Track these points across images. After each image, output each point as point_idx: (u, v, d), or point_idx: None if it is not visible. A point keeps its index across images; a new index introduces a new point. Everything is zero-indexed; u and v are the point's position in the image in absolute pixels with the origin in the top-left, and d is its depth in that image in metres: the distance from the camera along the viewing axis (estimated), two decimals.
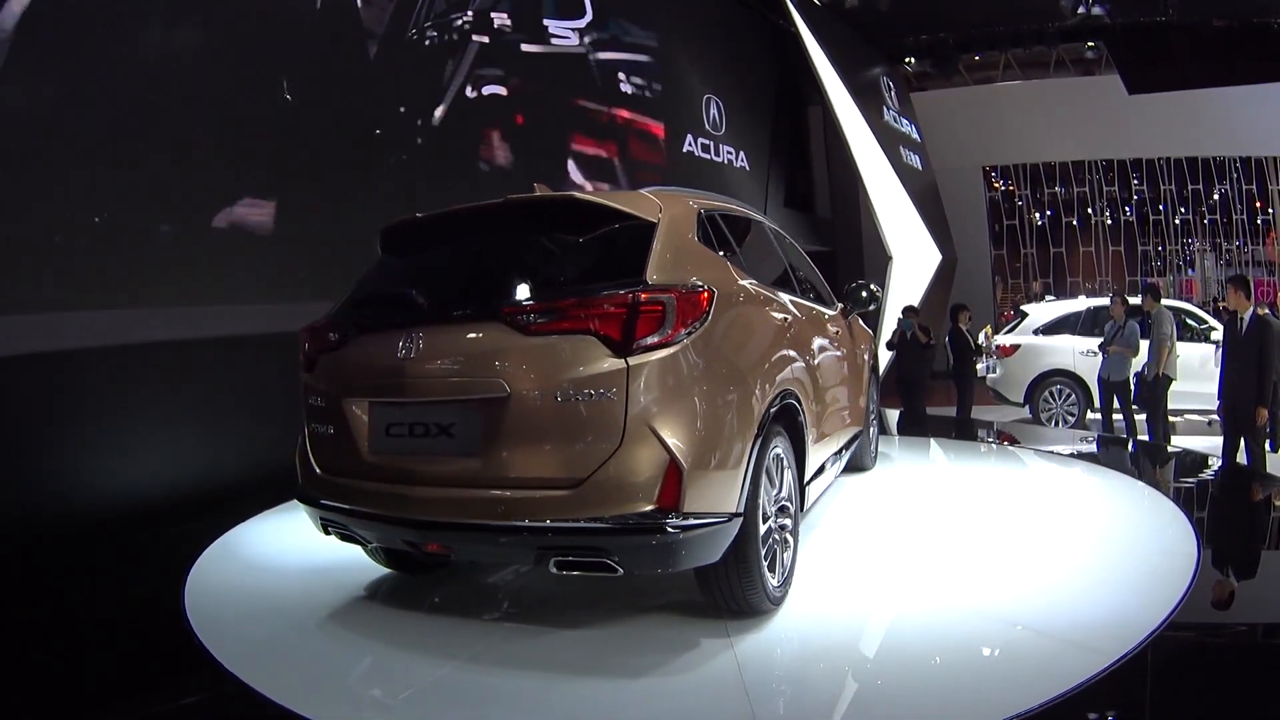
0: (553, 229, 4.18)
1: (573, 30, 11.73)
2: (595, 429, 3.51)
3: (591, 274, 3.88)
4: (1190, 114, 22.15)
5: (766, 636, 3.95)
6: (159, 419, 7.02)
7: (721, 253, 4.42)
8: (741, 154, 16.28)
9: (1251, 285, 10.63)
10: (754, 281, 4.56)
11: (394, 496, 3.87)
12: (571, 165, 11.65)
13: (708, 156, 15.12)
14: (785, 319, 4.73)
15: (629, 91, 12.93)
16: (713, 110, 15.49)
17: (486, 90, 10.20)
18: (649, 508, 3.47)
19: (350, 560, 5.13)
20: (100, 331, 6.59)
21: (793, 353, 4.64)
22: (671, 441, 3.51)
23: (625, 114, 12.78)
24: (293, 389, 4.65)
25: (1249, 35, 19.29)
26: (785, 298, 5.02)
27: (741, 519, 3.78)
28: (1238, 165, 24.40)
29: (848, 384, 6.12)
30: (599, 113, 12.33)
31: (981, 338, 14.54)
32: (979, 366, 14.19)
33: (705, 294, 3.78)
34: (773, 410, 4.13)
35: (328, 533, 4.30)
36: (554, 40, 11.46)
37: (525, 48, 10.95)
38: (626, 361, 3.52)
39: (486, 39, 10.27)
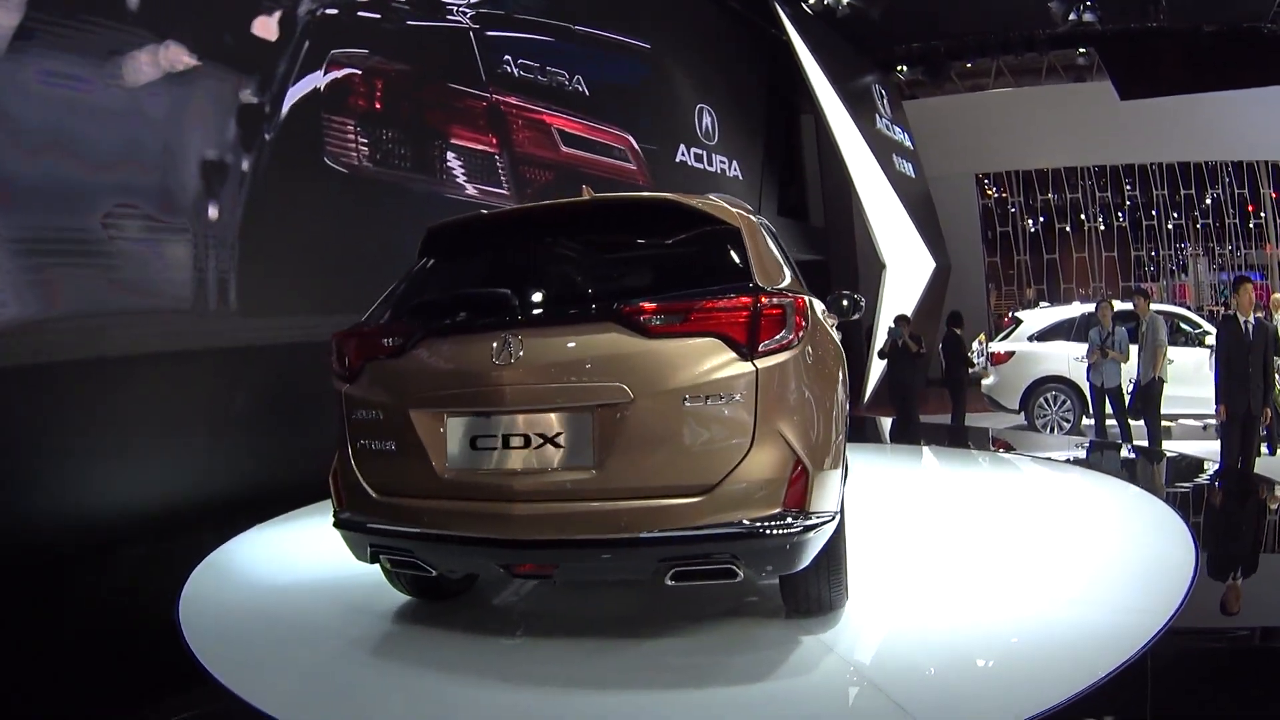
0: (642, 230, 4.14)
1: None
2: (725, 432, 3.47)
3: (695, 276, 3.84)
4: (1182, 119, 22.19)
5: (851, 632, 3.99)
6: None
7: (781, 258, 4.43)
8: (734, 163, 16.27)
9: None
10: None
11: (482, 516, 3.59)
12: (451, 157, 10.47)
13: (700, 166, 15.10)
14: (831, 323, 4.77)
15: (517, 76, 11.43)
16: (705, 120, 15.49)
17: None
18: (778, 510, 3.45)
19: (346, 574, 5.09)
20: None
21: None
22: (796, 443, 3.52)
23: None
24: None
25: (1240, 40, 19.34)
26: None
27: (839, 516, 3.82)
28: (1229, 170, 24.45)
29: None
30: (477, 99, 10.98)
31: (976, 344, 14.55)
32: (978, 367, 14.20)
33: (804, 299, 3.81)
34: None
35: (374, 561, 4.01)
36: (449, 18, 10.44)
37: (412, 23, 9.82)
38: (755, 365, 3.49)
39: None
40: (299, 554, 5.98)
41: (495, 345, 3.58)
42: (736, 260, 3.87)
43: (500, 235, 4.34)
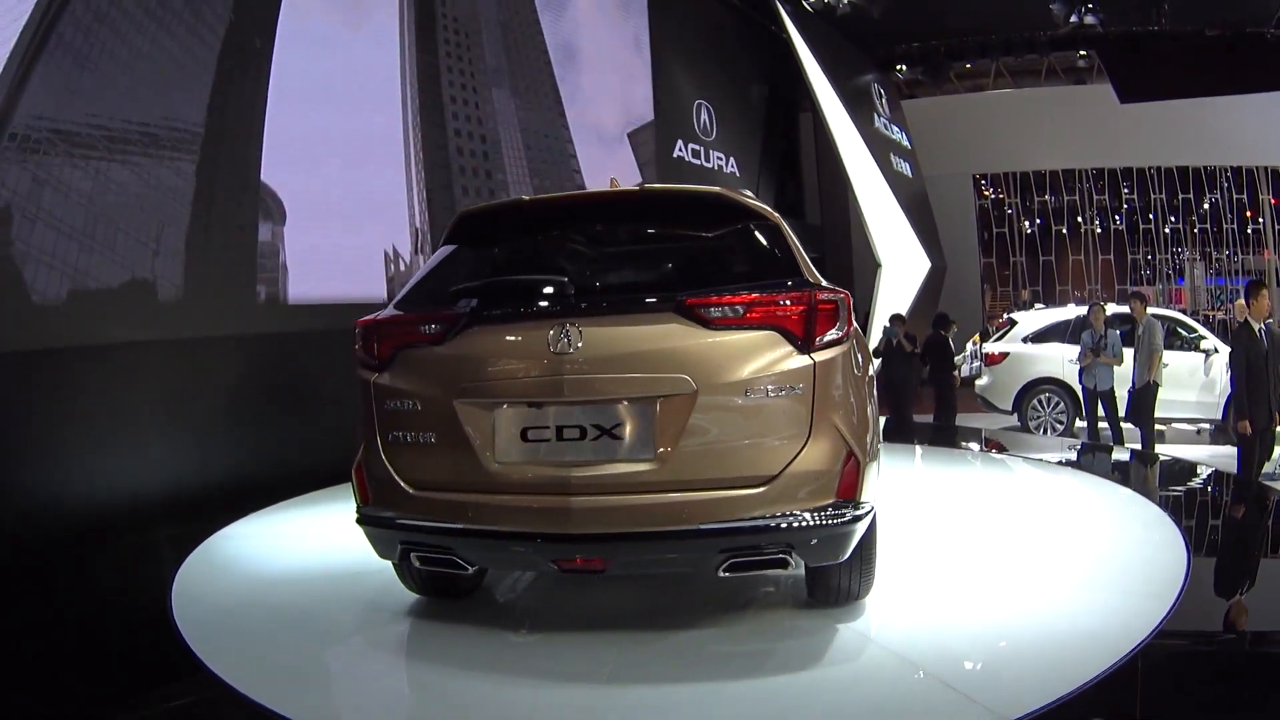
0: (689, 222, 4.11)
1: None
2: (785, 424, 3.52)
3: (746, 270, 3.91)
4: (1182, 123, 22.16)
5: (883, 621, 4.04)
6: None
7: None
8: (731, 160, 16.24)
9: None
10: None
11: (535, 510, 3.53)
12: None
13: (698, 162, 15.08)
14: None
15: None
16: (703, 115, 15.46)
17: None
18: (833, 500, 3.53)
19: (340, 562, 5.08)
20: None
21: None
22: (848, 434, 3.60)
23: None
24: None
25: (1242, 44, 19.31)
26: None
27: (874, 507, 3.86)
28: (1228, 175, 24.43)
29: None
30: None
31: (971, 345, 14.54)
32: (964, 369, 14.20)
33: (849, 295, 3.86)
34: None
35: (405, 559, 3.88)
36: None
37: None
38: (812, 358, 3.56)
39: None
40: (289, 544, 5.96)
41: (552, 334, 3.53)
42: (784, 255, 3.94)
43: (542, 223, 4.25)
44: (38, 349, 6.12)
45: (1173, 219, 25.36)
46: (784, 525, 3.45)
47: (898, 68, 22.36)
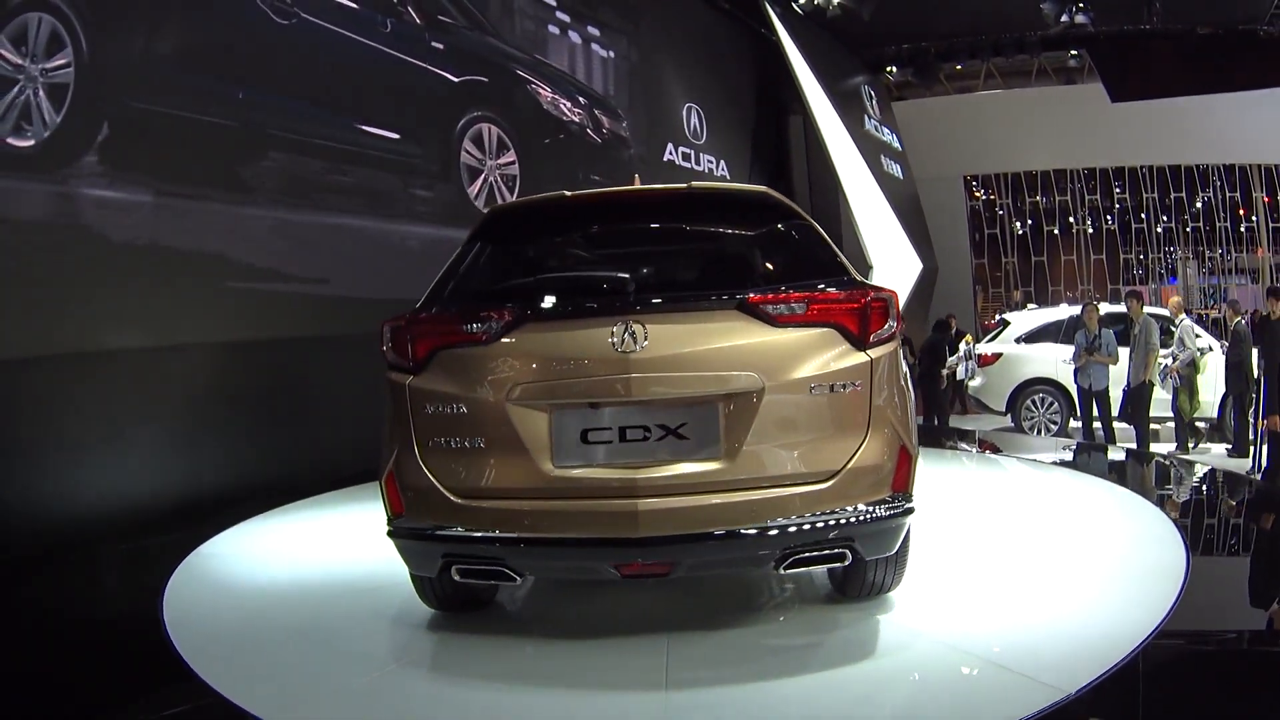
0: (734, 221, 4.13)
1: None
2: (846, 420, 3.57)
3: (796, 268, 3.92)
4: (1174, 122, 22.13)
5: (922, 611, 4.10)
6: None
7: None
8: (722, 162, 16.18)
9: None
10: None
11: (598, 515, 3.44)
12: None
13: (688, 165, 15.02)
14: None
15: None
16: (693, 119, 15.40)
17: None
18: (889, 494, 3.61)
19: (331, 571, 5.01)
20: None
21: None
22: (900, 429, 3.69)
23: None
24: None
25: (1234, 42, 19.28)
26: None
27: None
28: (1221, 173, 24.39)
29: None
30: None
31: (964, 346, 14.50)
32: (959, 370, 14.18)
33: (896, 294, 3.90)
34: None
35: (443, 572, 3.69)
36: None
37: None
38: (868, 354, 3.61)
39: None
40: (284, 551, 5.88)
41: (616, 332, 3.45)
42: (826, 255, 3.96)
43: (585, 220, 4.18)
44: None
45: (1165, 218, 25.31)
46: (848, 520, 3.50)
47: (888, 69, 22.30)
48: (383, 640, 4.17)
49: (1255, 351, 10.56)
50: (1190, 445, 11.84)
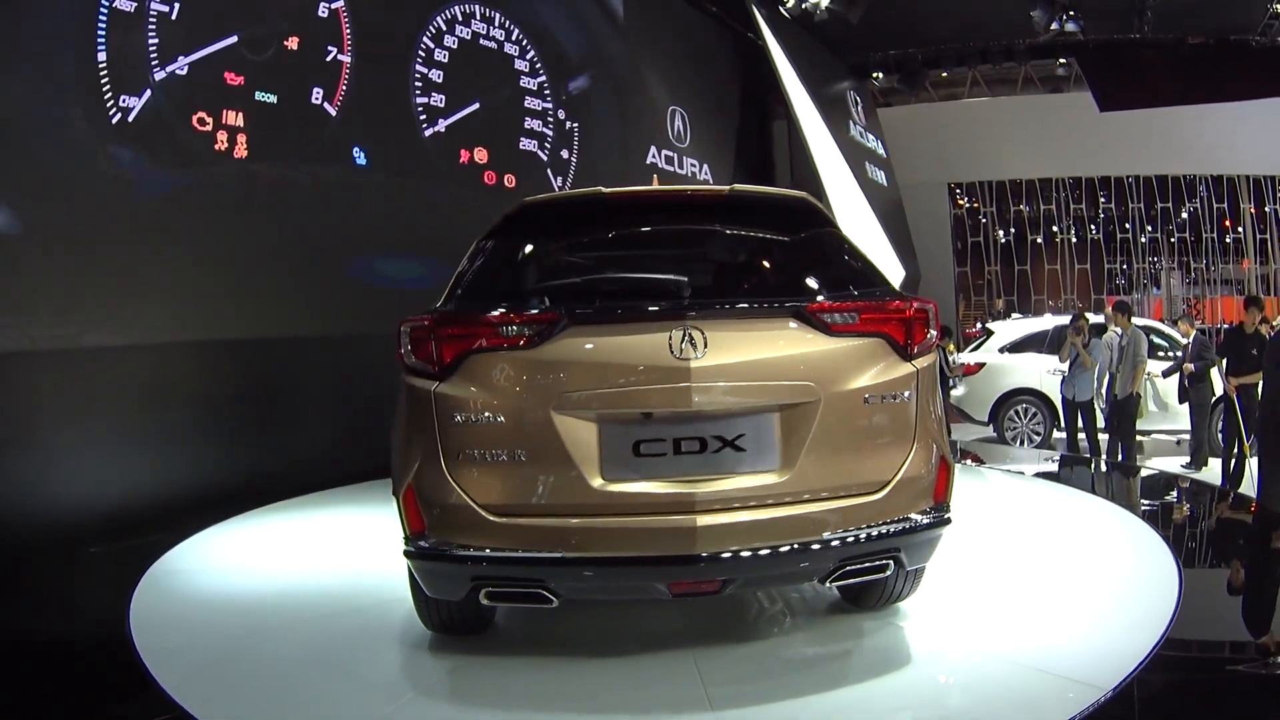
0: (771, 226, 4.02)
1: None
2: (896, 430, 3.55)
3: (838, 276, 3.84)
4: (1162, 132, 22.03)
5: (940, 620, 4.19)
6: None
7: None
8: (705, 167, 16.04)
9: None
10: None
11: (653, 532, 3.25)
12: None
13: (671, 169, 14.86)
14: None
15: None
16: (677, 122, 15.26)
17: None
18: (931, 503, 3.62)
19: (322, 586, 4.85)
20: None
21: None
22: (940, 439, 3.70)
23: None
24: None
25: (1226, 52, 19.21)
26: None
27: None
28: (1208, 184, 24.33)
29: None
30: None
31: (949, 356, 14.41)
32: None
33: (935, 304, 3.86)
34: None
35: (469, 594, 3.43)
36: None
37: None
38: (914, 364, 3.60)
39: None
40: (265, 561, 5.69)
41: (674, 338, 3.30)
42: (863, 264, 3.90)
43: (622, 219, 3.97)
44: None
45: (1150, 228, 25.27)
46: (896, 531, 3.49)
47: (874, 75, 22.21)
48: (392, 664, 3.91)
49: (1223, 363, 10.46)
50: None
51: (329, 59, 8.73)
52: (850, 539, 3.39)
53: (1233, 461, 10.30)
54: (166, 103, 7.29)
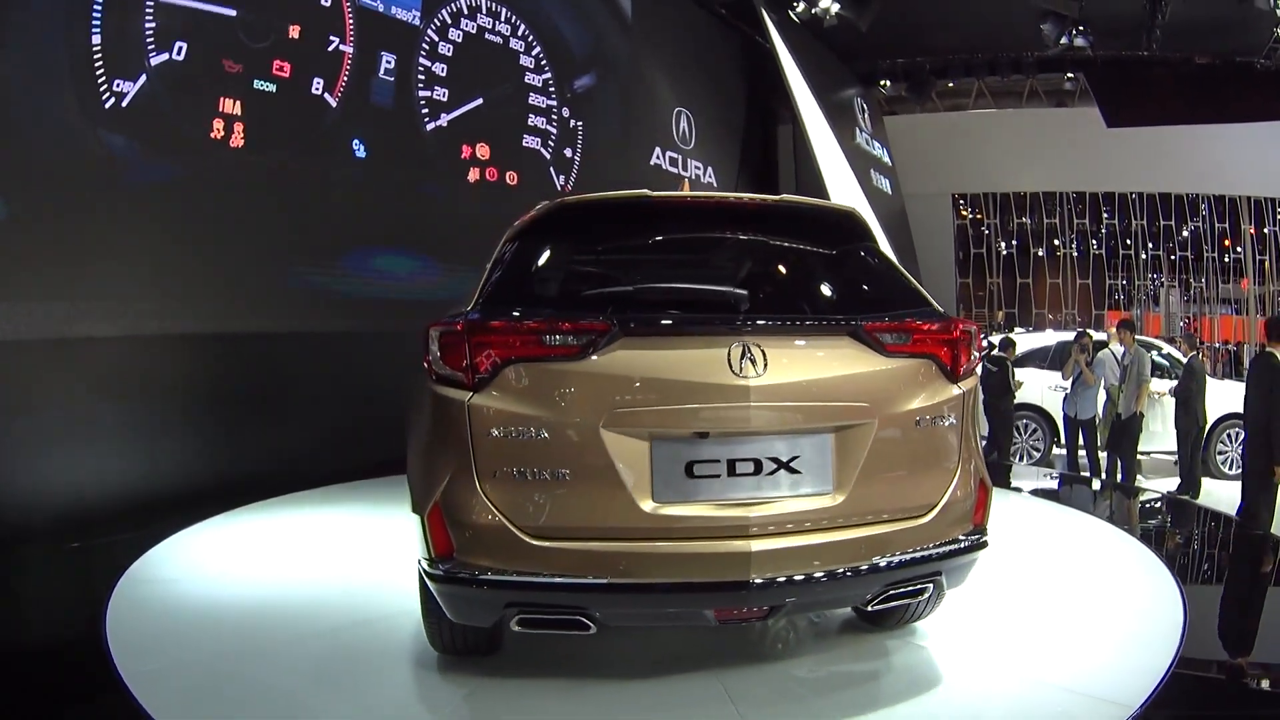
0: (815, 239, 3.88)
1: None
2: (944, 452, 3.50)
3: (885, 294, 3.74)
4: (1167, 150, 21.96)
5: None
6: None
7: None
8: (710, 169, 15.90)
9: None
10: None
11: (706, 557, 3.07)
12: None
13: (675, 170, 14.73)
14: None
15: None
16: (682, 124, 15.13)
17: None
18: (972, 526, 3.58)
19: (327, 597, 4.66)
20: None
21: None
22: (980, 462, 3.66)
23: None
24: None
25: (1232, 73, 19.17)
26: None
27: None
28: (1210, 203, 24.24)
29: None
30: None
31: None
32: None
33: (979, 325, 3.73)
34: None
35: (506, 621, 3.22)
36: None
37: None
38: (960, 386, 3.55)
39: None
40: (253, 566, 5.44)
41: (733, 354, 3.13)
42: (905, 282, 3.78)
43: (665, 224, 3.80)
44: None
45: (1151, 245, 25.18)
46: (941, 554, 3.43)
47: (881, 83, 22.10)
48: (405, 688, 3.69)
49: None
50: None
51: (330, 49, 8.58)
52: (898, 563, 3.32)
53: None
54: (162, 89, 7.13)
